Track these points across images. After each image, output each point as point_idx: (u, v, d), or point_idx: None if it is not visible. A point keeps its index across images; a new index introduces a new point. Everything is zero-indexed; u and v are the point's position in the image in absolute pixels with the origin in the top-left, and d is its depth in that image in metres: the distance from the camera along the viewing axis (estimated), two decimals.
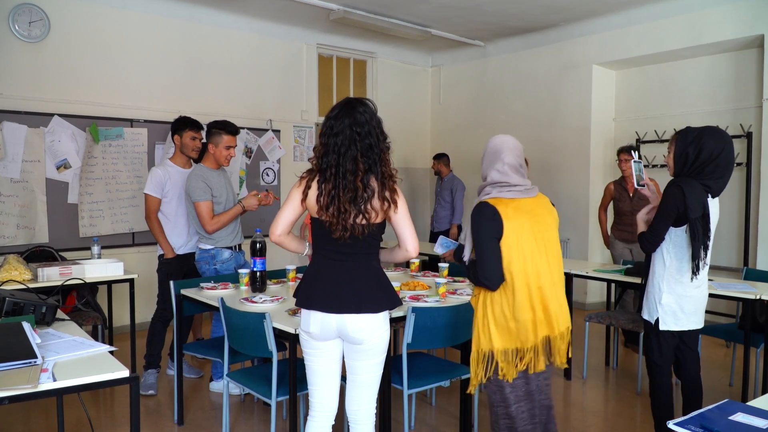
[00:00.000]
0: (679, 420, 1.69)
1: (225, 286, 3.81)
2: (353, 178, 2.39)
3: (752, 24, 5.75)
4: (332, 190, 2.41)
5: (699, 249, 3.01)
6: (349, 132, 2.41)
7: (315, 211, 2.47)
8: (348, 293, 2.46)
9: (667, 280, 3.15)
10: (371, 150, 2.44)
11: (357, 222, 2.43)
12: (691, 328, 3.21)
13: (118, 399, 4.39)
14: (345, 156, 2.40)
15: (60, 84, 5.69)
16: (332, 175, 2.41)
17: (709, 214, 3.03)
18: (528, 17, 6.84)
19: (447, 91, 8.76)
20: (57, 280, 3.88)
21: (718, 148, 3.03)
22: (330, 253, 2.51)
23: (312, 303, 2.49)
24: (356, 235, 2.44)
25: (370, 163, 2.43)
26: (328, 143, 2.44)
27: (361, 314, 2.46)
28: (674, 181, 3.10)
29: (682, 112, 6.55)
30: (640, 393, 4.52)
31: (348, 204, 2.40)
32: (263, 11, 6.65)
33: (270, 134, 7.14)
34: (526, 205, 2.61)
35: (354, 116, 2.43)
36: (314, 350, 2.56)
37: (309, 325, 2.51)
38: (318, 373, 2.60)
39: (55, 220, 5.64)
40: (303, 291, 2.54)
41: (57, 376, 2.02)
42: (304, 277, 2.57)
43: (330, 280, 2.48)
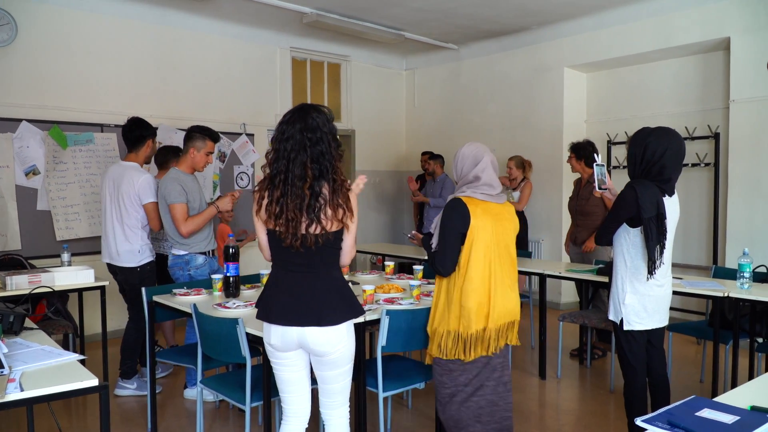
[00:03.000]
0: (647, 417, 1.71)
1: (198, 292, 3.78)
2: (301, 185, 2.35)
3: (719, 27, 5.86)
4: (281, 198, 2.37)
5: (654, 249, 3.02)
6: (299, 137, 2.36)
7: (265, 221, 2.44)
8: (306, 306, 2.42)
9: (629, 280, 3.16)
10: (322, 156, 2.38)
11: (309, 231, 2.38)
12: (655, 327, 3.23)
13: (90, 408, 4.33)
14: (294, 162, 2.36)
15: (28, 89, 5.60)
16: (281, 181, 2.37)
17: (664, 213, 3.04)
18: (501, 20, 6.90)
19: (421, 93, 8.80)
20: (26, 288, 3.82)
21: (661, 148, 3.06)
22: (286, 264, 2.47)
23: (271, 316, 2.46)
24: (309, 245, 2.39)
25: (321, 169, 2.38)
26: (278, 148, 2.40)
27: (322, 327, 2.42)
28: (629, 183, 3.13)
29: (652, 114, 6.64)
30: (613, 391, 4.58)
31: (296, 211, 2.35)
32: (236, 15, 6.62)
33: (244, 138, 7.10)
34: (493, 209, 2.91)
35: (306, 121, 2.38)
36: (279, 360, 2.54)
37: (270, 337, 2.50)
38: (286, 382, 2.59)
39: (26, 227, 5.56)
40: (262, 303, 2.52)
41: (25, 386, 1.99)
42: (264, 289, 2.57)
43: (288, 292, 2.45)
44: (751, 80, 5.69)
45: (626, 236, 3.15)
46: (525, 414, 4.21)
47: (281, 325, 2.44)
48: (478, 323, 2.85)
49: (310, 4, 6.29)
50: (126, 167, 4.48)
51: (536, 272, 4.94)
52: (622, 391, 4.40)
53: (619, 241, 3.20)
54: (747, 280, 3.88)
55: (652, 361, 3.35)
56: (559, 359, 4.98)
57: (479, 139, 6.50)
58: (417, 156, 8.13)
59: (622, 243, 3.17)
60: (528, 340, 5.94)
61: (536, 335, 5.42)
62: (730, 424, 1.67)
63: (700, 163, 6.28)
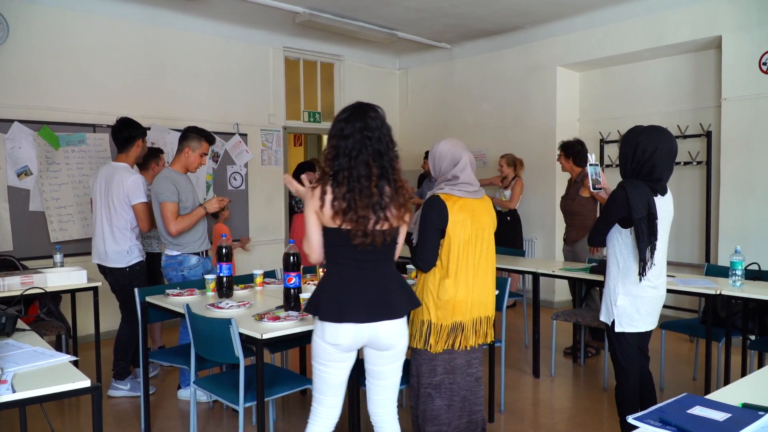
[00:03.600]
0: (639, 414, 1.72)
1: (191, 293, 3.77)
2: (368, 184, 2.37)
3: (710, 25, 5.88)
4: (347, 194, 2.36)
5: (645, 250, 2.99)
6: (359, 136, 2.38)
7: (330, 218, 2.39)
8: (377, 300, 2.45)
9: (621, 281, 3.13)
10: (381, 157, 2.41)
11: (377, 228, 2.40)
12: (647, 330, 3.19)
13: (83, 409, 4.32)
14: (356, 160, 2.37)
15: (20, 89, 5.58)
16: (345, 178, 2.37)
17: (655, 213, 3.00)
18: (493, 20, 6.90)
19: (415, 93, 8.80)
20: (18, 289, 3.80)
21: (652, 147, 3.03)
22: (352, 262, 2.45)
23: (345, 315, 2.41)
24: (376, 242, 2.41)
25: (383, 168, 2.41)
26: (338, 146, 2.39)
27: (392, 320, 2.47)
28: (620, 183, 3.10)
29: (644, 113, 6.66)
30: (606, 389, 4.59)
31: (365, 209, 2.36)
32: (228, 14, 6.61)
33: (237, 138, 7.09)
34: (471, 205, 2.99)
35: (365, 121, 2.40)
36: (337, 362, 2.50)
37: (338, 337, 2.43)
38: (335, 385, 2.55)
39: (18, 228, 5.54)
40: (330, 305, 2.44)
41: (16, 387, 1.98)
42: (323, 291, 2.49)
43: (358, 290, 2.44)
44: (743, 78, 5.71)
45: (618, 237, 3.12)
46: (519, 412, 4.21)
47: (356, 322, 2.42)
48: (455, 316, 2.95)
49: (303, 3, 6.28)
50: (116, 168, 4.47)
51: (529, 271, 4.95)
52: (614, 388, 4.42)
53: (612, 242, 3.17)
54: (739, 278, 3.90)
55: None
56: (552, 358, 4.99)
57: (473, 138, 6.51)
58: (411, 155, 8.14)
59: (615, 244, 3.15)
60: (522, 339, 5.95)
61: (530, 334, 5.43)
62: (721, 422, 1.67)
63: (692, 162, 6.30)
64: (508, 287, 4.08)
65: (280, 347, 4.07)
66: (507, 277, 4.18)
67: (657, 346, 4.79)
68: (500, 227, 6.92)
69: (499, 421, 4.06)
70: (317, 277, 3.78)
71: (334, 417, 2.61)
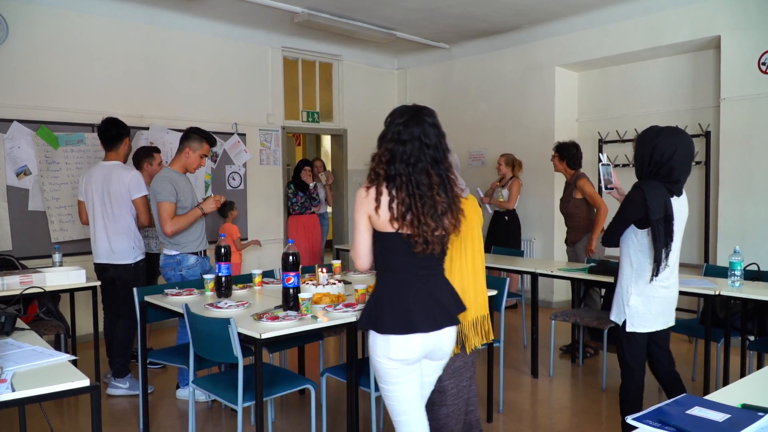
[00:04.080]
0: (638, 415, 1.71)
1: (190, 292, 3.77)
2: (430, 193, 2.28)
3: (709, 25, 5.89)
4: (406, 199, 2.26)
5: (660, 251, 2.98)
6: (417, 143, 2.29)
7: (387, 221, 2.28)
8: (438, 308, 2.37)
9: (635, 281, 3.11)
10: (438, 165, 2.32)
11: (436, 235, 2.32)
12: (659, 329, 3.19)
13: (82, 408, 4.32)
14: (415, 167, 2.28)
15: (19, 89, 5.58)
16: (403, 183, 2.27)
17: (672, 215, 2.99)
18: (492, 19, 6.90)
19: (413, 93, 8.79)
20: (17, 288, 3.79)
21: (671, 149, 3.00)
22: (412, 270, 2.35)
23: (413, 326, 2.30)
24: (434, 251, 2.34)
25: (440, 175, 2.33)
26: (394, 150, 2.30)
27: (452, 327, 2.42)
28: (637, 184, 3.07)
29: (643, 113, 6.67)
30: (605, 389, 4.59)
31: (429, 217, 2.27)
32: (226, 14, 6.61)
33: (235, 138, 7.09)
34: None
35: (423, 127, 2.32)
36: (406, 377, 2.37)
37: (407, 351, 2.31)
38: (414, 399, 2.42)
39: (17, 227, 5.53)
40: (394, 316, 2.31)
41: (16, 386, 1.98)
42: (382, 302, 2.36)
43: (421, 299, 2.34)
44: (742, 78, 5.72)
45: (633, 237, 3.09)
46: (517, 413, 4.21)
47: (424, 332, 2.31)
48: None
49: (302, 3, 6.28)
50: (112, 167, 4.53)
51: (528, 271, 4.96)
52: (614, 389, 4.41)
53: (626, 242, 3.14)
54: (738, 278, 3.90)
55: (659, 362, 3.32)
56: (551, 358, 4.99)
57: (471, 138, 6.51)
58: None
59: (629, 244, 3.12)
60: (520, 339, 5.95)
61: (528, 334, 5.44)
62: (720, 422, 1.66)
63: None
64: (507, 287, 4.08)
65: (278, 347, 4.07)
66: (505, 278, 4.18)
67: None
68: (498, 227, 7.04)
69: (497, 421, 4.07)
70: (315, 276, 3.77)
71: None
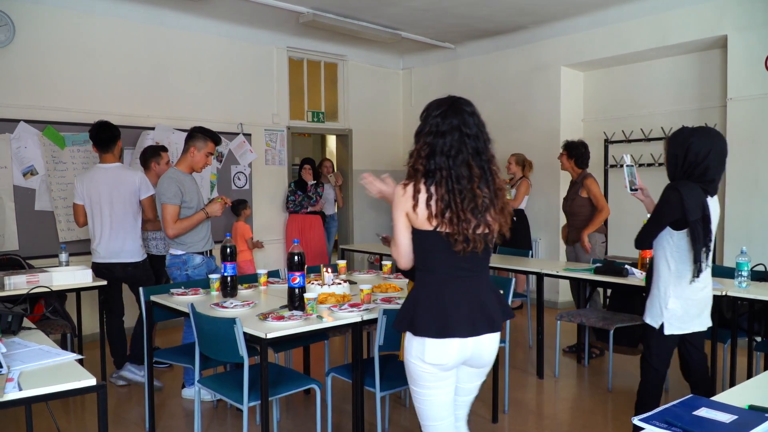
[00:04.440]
0: (644, 416, 1.71)
1: (195, 292, 3.77)
2: (470, 186, 2.17)
3: (715, 25, 5.87)
4: (446, 195, 2.16)
5: (700, 251, 2.95)
6: (457, 134, 2.19)
7: (425, 219, 2.19)
8: (480, 313, 2.23)
9: (673, 284, 3.08)
10: (479, 155, 2.21)
11: (477, 233, 2.20)
12: (696, 330, 3.16)
13: (88, 408, 4.33)
14: (455, 159, 2.18)
15: (26, 89, 5.60)
16: (443, 178, 2.17)
17: (709, 215, 2.97)
18: (497, 19, 6.90)
19: (418, 93, 8.79)
20: (24, 288, 3.81)
21: (705, 148, 2.97)
22: (451, 270, 2.23)
23: (449, 330, 2.19)
24: (477, 250, 2.20)
25: (482, 168, 2.22)
26: (434, 143, 2.20)
27: (493, 333, 2.27)
28: (672, 185, 3.04)
29: (649, 113, 6.65)
30: (611, 390, 4.58)
31: (468, 213, 2.16)
32: (232, 14, 6.61)
33: (241, 138, 7.10)
34: None
35: (463, 116, 2.21)
36: (440, 382, 2.27)
37: (442, 356, 2.20)
38: (445, 405, 2.31)
39: (24, 227, 5.56)
40: (430, 318, 2.21)
41: (23, 385, 1.99)
42: (418, 303, 2.26)
43: (460, 302, 2.21)
44: (749, 78, 5.70)
45: (669, 239, 3.07)
46: (523, 413, 4.21)
47: (461, 336, 2.19)
48: None
49: (307, 3, 6.29)
50: (115, 169, 4.67)
51: (533, 271, 4.95)
52: (620, 389, 4.41)
53: (662, 244, 3.11)
54: (745, 279, 3.88)
55: (693, 364, 3.31)
56: (556, 358, 4.98)
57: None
58: None
59: (665, 246, 3.09)
60: (526, 340, 5.94)
61: (534, 334, 5.43)
62: (727, 423, 1.66)
63: None
64: (513, 288, 4.07)
65: (284, 347, 4.07)
66: (511, 278, 4.18)
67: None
68: None
69: (502, 421, 4.06)
70: (321, 276, 3.77)
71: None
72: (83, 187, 4.65)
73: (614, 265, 4.50)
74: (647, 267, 4.33)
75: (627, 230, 6.78)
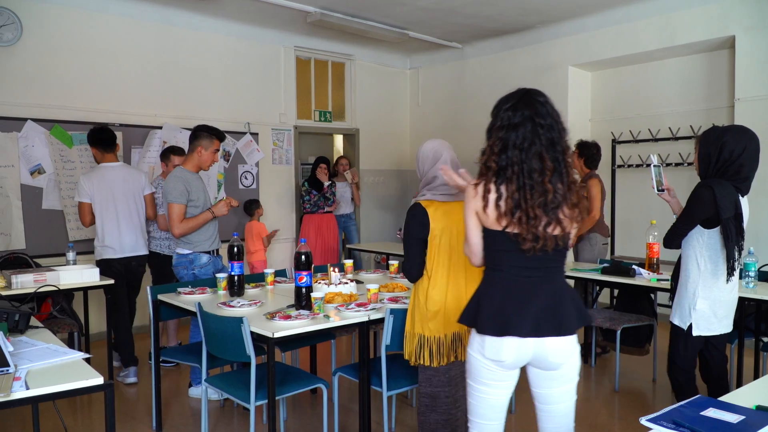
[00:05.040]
0: (652, 416, 1.71)
1: (202, 291, 3.79)
2: (541, 179, 2.10)
3: (723, 25, 5.84)
4: (516, 192, 2.10)
5: (733, 249, 2.92)
6: (530, 125, 2.12)
7: (494, 219, 2.15)
8: (545, 314, 2.16)
9: (702, 284, 3.05)
10: (554, 146, 2.13)
11: (548, 231, 2.13)
12: (722, 332, 3.13)
13: (95, 406, 4.34)
14: (528, 152, 2.10)
15: (33, 88, 5.62)
16: (514, 173, 2.11)
17: (741, 213, 2.95)
18: (504, 19, 6.88)
19: (425, 92, 8.79)
20: (31, 287, 3.84)
21: (740, 147, 2.96)
22: (517, 270, 2.18)
23: (507, 328, 2.15)
24: (547, 248, 2.14)
25: (555, 162, 2.13)
26: (506, 138, 2.14)
27: (561, 337, 2.18)
28: (704, 182, 3.02)
29: (657, 113, 6.63)
30: (618, 390, 4.56)
31: (537, 209, 2.09)
32: (239, 14, 6.63)
33: (248, 137, 7.11)
34: (455, 208, 2.80)
35: (535, 107, 2.15)
36: (498, 382, 2.24)
37: (500, 353, 2.16)
38: (496, 407, 2.29)
39: (31, 226, 5.58)
40: (490, 316, 2.19)
41: (30, 384, 2.00)
42: (482, 300, 2.24)
43: (523, 301, 2.16)
44: (757, 78, 5.67)
45: (700, 238, 3.04)
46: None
47: (520, 336, 2.15)
48: (447, 327, 2.83)
49: (314, 3, 6.29)
50: (122, 167, 4.94)
51: None
52: (627, 389, 4.40)
53: (692, 243, 3.08)
54: (752, 279, 3.87)
55: (714, 365, 3.29)
56: None
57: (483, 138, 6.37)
58: None
59: (695, 246, 3.06)
60: None
61: None
62: (735, 424, 1.66)
63: None
64: None
65: (290, 346, 4.07)
66: None
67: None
68: None
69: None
70: (328, 276, 3.78)
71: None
72: (91, 185, 4.71)
73: (621, 265, 4.49)
74: (654, 267, 4.34)
75: (633, 231, 6.78)
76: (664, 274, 4.17)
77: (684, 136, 6.32)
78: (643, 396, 4.59)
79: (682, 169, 6.32)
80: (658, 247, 4.34)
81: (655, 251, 4.38)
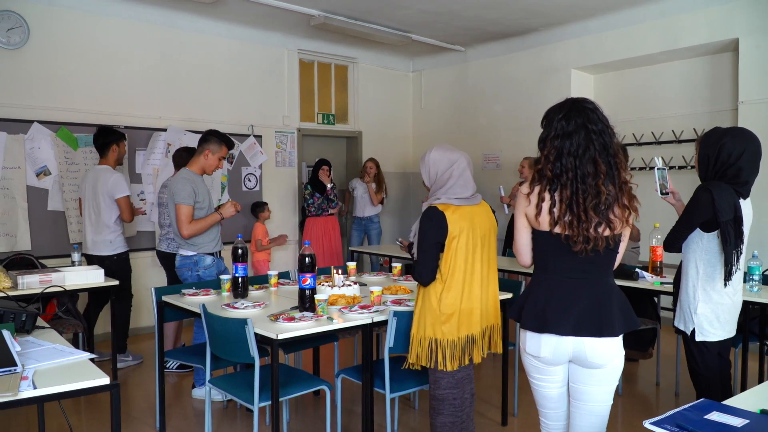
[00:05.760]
0: (656, 419, 1.71)
1: (207, 293, 3.79)
2: (595, 182, 2.16)
3: (727, 28, 5.84)
4: (570, 197, 2.17)
5: (731, 254, 2.89)
6: (584, 132, 2.19)
7: (547, 224, 2.22)
8: (587, 314, 2.21)
9: (701, 288, 3.02)
10: (606, 151, 2.20)
11: (598, 232, 2.18)
12: (726, 338, 3.08)
13: (100, 406, 4.35)
14: (582, 158, 2.18)
15: (39, 91, 5.65)
16: (568, 180, 2.18)
17: (741, 216, 2.91)
18: (507, 22, 6.89)
19: (428, 95, 8.80)
20: (37, 287, 3.85)
21: (739, 149, 2.92)
22: (564, 271, 2.25)
23: (546, 325, 2.23)
24: (598, 248, 2.19)
25: (608, 165, 2.20)
26: (561, 146, 2.20)
27: (602, 338, 2.22)
28: (703, 185, 2.99)
29: (660, 116, 6.63)
30: (621, 394, 4.56)
31: (590, 211, 2.16)
32: (244, 17, 6.65)
33: (252, 140, 7.13)
34: (470, 212, 2.88)
35: (586, 114, 2.22)
36: (543, 375, 2.35)
37: (539, 349, 2.27)
38: (550, 398, 2.39)
39: (36, 227, 5.60)
40: (533, 313, 2.28)
41: (37, 383, 2.01)
42: (528, 298, 2.32)
43: (566, 300, 2.23)
44: (760, 81, 5.67)
45: (699, 242, 3.01)
46: (532, 416, 4.18)
47: (558, 334, 2.22)
48: (464, 329, 2.86)
49: (318, 6, 6.31)
50: (99, 170, 5.13)
51: None
52: (630, 393, 4.40)
53: (691, 247, 3.06)
54: (757, 283, 3.86)
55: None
56: None
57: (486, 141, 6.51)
58: None
59: (694, 249, 3.04)
60: None
61: None
62: (739, 428, 1.66)
63: None
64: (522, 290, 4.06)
65: (294, 348, 4.08)
66: (521, 281, 4.17)
67: (673, 350, 4.78)
68: None
69: (512, 424, 4.06)
70: (331, 278, 3.79)
71: (561, 429, 2.44)
72: (81, 184, 5.31)
73: (624, 267, 4.49)
74: (658, 270, 4.34)
75: None
76: (668, 278, 4.16)
77: (687, 139, 6.32)
78: (647, 399, 4.58)
79: (685, 173, 6.33)
80: (661, 251, 4.34)
81: (658, 254, 4.37)
